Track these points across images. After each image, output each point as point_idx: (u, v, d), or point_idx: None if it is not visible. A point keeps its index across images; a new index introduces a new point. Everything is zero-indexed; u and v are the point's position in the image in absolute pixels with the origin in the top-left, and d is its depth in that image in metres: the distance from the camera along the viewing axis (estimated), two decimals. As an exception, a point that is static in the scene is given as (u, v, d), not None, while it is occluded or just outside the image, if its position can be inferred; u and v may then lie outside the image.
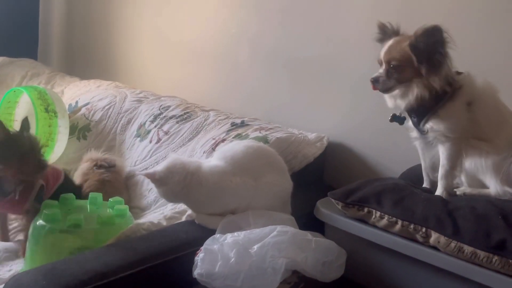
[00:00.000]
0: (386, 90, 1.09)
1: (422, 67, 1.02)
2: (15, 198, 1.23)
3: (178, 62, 2.19)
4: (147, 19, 2.32)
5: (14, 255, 1.29)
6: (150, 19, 2.30)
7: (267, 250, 0.98)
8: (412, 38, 1.03)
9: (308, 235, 1.04)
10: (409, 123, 1.14)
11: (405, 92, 1.07)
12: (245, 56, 1.91)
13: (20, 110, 2.05)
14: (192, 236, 1.11)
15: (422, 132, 1.12)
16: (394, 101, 1.12)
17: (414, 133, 1.15)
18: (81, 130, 1.94)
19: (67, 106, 2.02)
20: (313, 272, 1.00)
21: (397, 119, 1.16)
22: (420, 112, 1.10)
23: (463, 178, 1.12)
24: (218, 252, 0.97)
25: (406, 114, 1.14)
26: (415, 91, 1.04)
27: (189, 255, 1.01)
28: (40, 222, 1.18)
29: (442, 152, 1.10)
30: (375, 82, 1.09)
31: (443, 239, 0.94)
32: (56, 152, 1.85)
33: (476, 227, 0.93)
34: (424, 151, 1.16)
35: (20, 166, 1.21)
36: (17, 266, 1.23)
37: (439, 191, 1.11)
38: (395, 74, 1.05)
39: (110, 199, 1.32)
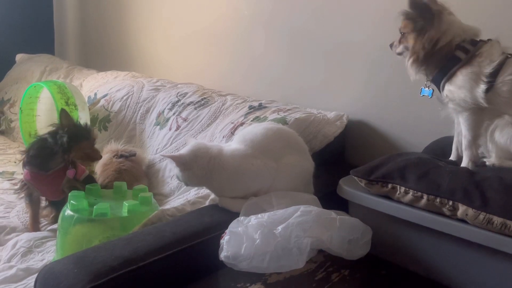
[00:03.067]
0: (398, 54, 1.16)
1: (415, 34, 1.07)
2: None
3: (192, 49, 2.18)
4: (159, 8, 2.31)
5: (46, 244, 1.33)
6: (162, 7, 2.30)
7: (292, 230, 0.98)
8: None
9: (332, 213, 1.04)
10: None
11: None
12: (260, 38, 1.89)
13: (42, 105, 2.10)
14: (217, 220, 1.11)
15: (442, 102, 1.10)
16: None
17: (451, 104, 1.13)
18: (102, 122, 1.97)
19: (86, 99, 2.04)
20: (339, 251, 1.00)
21: (425, 92, 1.14)
22: (437, 80, 1.09)
23: (493, 149, 1.08)
24: (243, 234, 0.98)
25: (433, 86, 1.13)
26: (407, 57, 1.10)
27: (214, 239, 1.02)
28: (68, 212, 1.21)
29: (462, 122, 1.08)
30: (390, 47, 1.17)
31: (471, 211, 0.92)
32: (78, 144, 1.88)
33: (506, 198, 0.91)
34: (459, 125, 1.13)
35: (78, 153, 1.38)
36: (49, 256, 1.27)
37: (464, 163, 1.09)
38: (403, 41, 1.13)
39: (135, 187, 1.34)
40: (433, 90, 1.14)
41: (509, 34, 1.10)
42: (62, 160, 1.38)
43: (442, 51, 1.06)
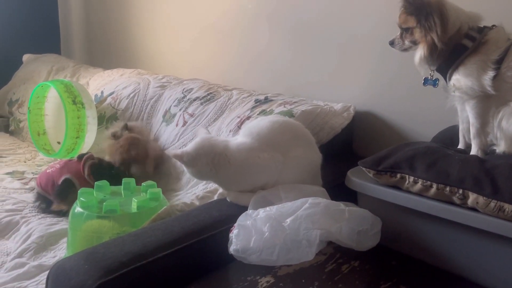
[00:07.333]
0: (403, 50, 1.13)
1: (422, 28, 1.05)
2: None
3: (197, 45, 2.18)
4: (163, 5, 2.31)
5: (58, 241, 1.34)
6: (166, 4, 2.29)
7: (300, 222, 0.97)
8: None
9: (341, 205, 1.03)
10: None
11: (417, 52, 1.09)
12: (264, 32, 1.88)
13: (49, 104, 2.11)
14: (225, 214, 1.11)
15: (447, 91, 1.09)
16: None
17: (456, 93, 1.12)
18: (109, 120, 1.98)
19: (93, 97, 2.05)
20: (348, 242, 0.99)
21: (430, 82, 1.13)
22: (443, 69, 1.08)
23: (501, 137, 1.07)
24: (251, 228, 0.98)
25: (438, 75, 1.11)
26: (419, 51, 1.07)
27: (223, 233, 1.02)
28: (78, 209, 1.22)
29: (469, 110, 1.07)
30: (391, 44, 1.14)
31: (481, 199, 0.91)
32: (87, 142, 1.89)
33: (517, 185, 0.90)
34: (462, 112, 1.12)
35: None
36: (61, 252, 1.28)
37: (473, 151, 1.07)
38: (408, 36, 1.09)
39: (143, 184, 1.35)
40: (437, 79, 1.12)
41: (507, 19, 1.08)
42: None
43: (451, 41, 1.04)
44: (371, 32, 1.54)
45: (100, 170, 1.50)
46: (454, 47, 1.05)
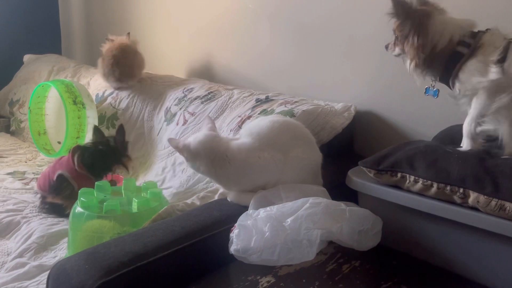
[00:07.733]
0: (396, 56, 1.14)
1: (403, 37, 1.06)
2: None
3: (198, 44, 2.18)
4: (163, 4, 2.31)
5: (58, 241, 1.34)
6: (166, 4, 2.29)
7: (301, 222, 0.97)
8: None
9: (341, 205, 1.03)
10: None
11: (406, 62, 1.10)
12: (266, 32, 1.87)
13: (50, 104, 2.11)
14: (226, 214, 1.11)
15: (456, 97, 1.08)
16: None
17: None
18: (110, 119, 1.98)
19: (93, 97, 2.05)
20: (349, 242, 0.99)
21: (431, 92, 1.13)
22: (444, 79, 1.08)
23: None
24: (252, 228, 0.98)
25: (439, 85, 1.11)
26: (407, 62, 1.08)
27: (224, 232, 1.02)
28: (78, 209, 1.22)
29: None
30: (386, 48, 1.15)
31: (482, 198, 0.91)
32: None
33: (518, 184, 0.89)
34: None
35: None
36: (61, 253, 1.28)
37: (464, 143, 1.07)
38: (399, 44, 1.10)
39: (144, 183, 1.35)
40: (438, 90, 1.12)
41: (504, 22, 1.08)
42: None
43: (444, 52, 1.04)
44: (372, 32, 1.53)
45: (88, 155, 1.49)
46: (449, 56, 1.04)
